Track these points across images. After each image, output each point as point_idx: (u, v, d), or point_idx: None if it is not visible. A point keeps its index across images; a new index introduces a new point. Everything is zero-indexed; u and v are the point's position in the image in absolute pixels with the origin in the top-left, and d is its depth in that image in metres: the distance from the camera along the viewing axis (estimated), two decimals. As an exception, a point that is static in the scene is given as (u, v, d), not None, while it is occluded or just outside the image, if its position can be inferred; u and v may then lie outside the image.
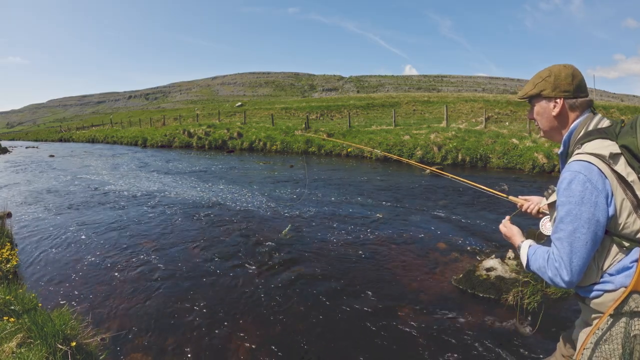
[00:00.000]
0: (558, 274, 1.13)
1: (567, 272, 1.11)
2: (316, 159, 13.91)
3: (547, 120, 1.30)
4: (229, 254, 4.17)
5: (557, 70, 1.26)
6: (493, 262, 3.43)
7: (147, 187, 8.46)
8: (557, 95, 1.25)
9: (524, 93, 1.34)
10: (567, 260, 1.11)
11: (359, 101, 34.03)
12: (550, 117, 1.29)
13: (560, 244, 1.13)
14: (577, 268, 1.11)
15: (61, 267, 3.93)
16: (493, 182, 8.42)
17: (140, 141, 23.31)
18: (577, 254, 1.10)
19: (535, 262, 1.23)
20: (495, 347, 2.46)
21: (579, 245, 1.10)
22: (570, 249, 1.11)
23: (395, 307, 2.99)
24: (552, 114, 1.28)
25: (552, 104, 1.27)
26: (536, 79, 1.30)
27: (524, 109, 22.67)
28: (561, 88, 1.24)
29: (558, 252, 1.14)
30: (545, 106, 1.29)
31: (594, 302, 1.23)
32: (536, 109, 1.32)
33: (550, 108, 1.28)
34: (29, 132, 62.68)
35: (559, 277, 1.13)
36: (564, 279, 1.12)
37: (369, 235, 4.75)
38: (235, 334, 2.67)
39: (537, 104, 1.31)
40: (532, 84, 1.31)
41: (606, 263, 1.16)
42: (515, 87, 67.24)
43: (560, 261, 1.12)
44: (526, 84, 1.35)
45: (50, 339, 2.01)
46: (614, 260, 1.15)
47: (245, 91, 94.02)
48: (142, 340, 2.61)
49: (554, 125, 1.30)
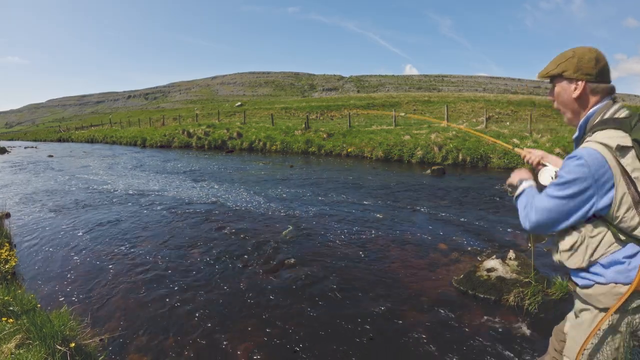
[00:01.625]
0: (527, 217, 1.26)
1: (535, 219, 1.23)
2: (316, 159, 13.90)
3: (567, 101, 1.29)
4: (229, 255, 4.15)
5: (581, 52, 1.24)
6: (494, 263, 3.42)
7: (146, 188, 8.44)
8: (578, 77, 1.23)
9: (545, 72, 1.32)
10: (539, 212, 1.22)
11: (359, 101, 34.03)
12: (570, 98, 1.28)
13: (544, 198, 1.23)
14: (542, 222, 1.22)
15: (60, 268, 3.92)
16: (493, 182, 8.41)
17: (139, 141, 23.28)
18: (548, 212, 1.21)
19: (523, 199, 1.33)
20: (496, 348, 2.45)
21: (552, 207, 1.20)
22: (547, 206, 1.21)
23: (396, 308, 2.98)
24: (572, 96, 1.26)
25: (573, 86, 1.25)
26: (559, 58, 1.28)
27: (525, 108, 22.68)
28: (583, 70, 1.22)
29: (539, 201, 1.24)
30: (566, 87, 1.28)
31: (584, 292, 1.27)
32: (557, 89, 1.31)
33: (571, 90, 1.26)
34: (28, 132, 62.59)
35: (527, 219, 1.26)
36: (531, 220, 1.24)
37: (370, 236, 4.74)
38: (235, 335, 2.65)
39: (558, 84, 1.30)
40: (554, 64, 1.29)
41: (599, 251, 1.19)
42: (516, 87, 67.26)
43: (535, 209, 1.24)
44: (548, 63, 1.33)
45: (49, 339, 2.00)
46: (607, 250, 1.18)
47: (245, 91, 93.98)
48: (141, 341, 2.60)
49: (573, 108, 1.29)
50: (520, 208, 1.32)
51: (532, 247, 3.20)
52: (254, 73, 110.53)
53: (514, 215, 5.61)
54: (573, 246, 1.23)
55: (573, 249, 1.24)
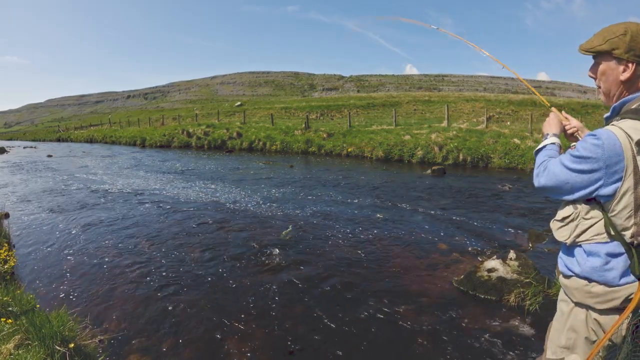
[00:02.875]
0: (538, 177, 1.27)
1: (544, 181, 1.24)
2: (316, 158, 13.89)
3: (612, 83, 1.18)
4: (229, 255, 4.14)
5: (636, 29, 1.11)
6: (494, 263, 3.41)
7: (145, 188, 8.43)
8: (630, 58, 1.11)
9: (590, 46, 1.20)
10: (549, 176, 1.23)
11: (359, 101, 34.02)
12: (617, 80, 1.16)
13: (558, 165, 1.22)
14: (548, 186, 1.23)
15: (59, 268, 3.90)
16: (494, 182, 8.41)
17: (139, 141, 23.25)
18: (556, 179, 1.20)
19: (541, 156, 1.33)
20: (497, 348, 2.44)
21: (562, 176, 1.19)
22: (557, 173, 1.20)
23: (396, 309, 2.97)
24: (619, 77, 1.15)
25: (622, 67, 1.14)
26: (608, 34, 1.15)
27: (526, 108, 22.68)
28: (637, 52, 1.10)
29: (553, 166, 1.23)
30: (614, 67, 1.16)
31: (564, 282, 1.30)
32: (602, 68, 1.19)
33: (619, 71, 1.15)
34: (27, 131, 62.50)
35: (537, 178, 1.27)
36: (540, 181, 1.26)
37: (370, 236, 4.73)
38: (235, 335, 2.64)
39: (604, 62, 1.18)
40: (602, 38, 1.16)
41: (586, 234, 1.18)
42: (517, 87, 67.24)
43: (547, 172, 1.24)
44: (593, 36, 1.21)
45: (48, 340, 1.99)
46: (593, 237, 1.17)
47: (244, 91, 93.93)
48: (140, 341, 2.59)
49: (616, 90, 1.19)
50: (537, 163, 1.31)
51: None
52: (253, 73, 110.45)
53: (514, 216, 5.61)
54: (565, 219, 1.24)
55: (565, 222, 1.24)
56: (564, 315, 1.31)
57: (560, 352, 1.33)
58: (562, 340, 1.32)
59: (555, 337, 1.37)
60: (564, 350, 1.32)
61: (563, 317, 1.32)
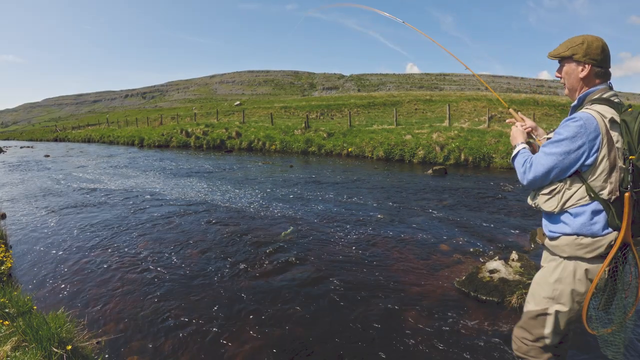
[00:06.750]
0: (525, 174, 1.50)
1: (532, 175, 1.47)
2: (316, 158, 13.86)
3: (574, 80, 1.51)
4: (228, 256, 4.11)
5: (591, 40, 1.45)
6: (496, 264, 3.39)
7: (143, 188, 8.39)
8: (586, 61, 1.45)
9: (556, 53, 1.54)
10: (537, 167, 1.46)
11: (359, 100, 34.00)
12: (577, 78, 1.49)
13: (542, 155, 1.45)
14: (538, 175, 1.45)
15: (56, 269, 3.86)
16: (496, 182, 8.39)
17: (137, 141, 23.16)
18: (544, 167, 1.44)
19: (520, 158, 1.56)
20: (498, 350, 2.42)
21: (549, 163, 1.42)
22: (544, 162, 1.44)
23: (397, 310, 2.94)
24: (579, 75, 1.48)
25: (581, 68, 1.47)
26: (570, 43, 1.49)
27: (527, 108, 22.71)
28: (591, 56, 1.44)
29: (537, 159, 1.47)
30: (574, 68, 1.49)
31: (552, 244, 1.52)
32: (565, 69, 1.53)
33: (578, 70, 1.48)
34: (24, 131, 62.30)
35: (525, 176, 1.50)
36: (528, 178, 1.49)
37: (370, 237, 4.70)
38: (234, 337, 2.61)
39: (567, 65, 1.52)
40: (565, 47, 1.50)
41: (571, 201, 1.43)
42: (519, 86, 67.32)
43: (534, 166, 1.47)
44: (558, 46, 1.55)
45: (45, 342, 1.97)
46: (577, 202, 1.42)
47: (243, 90, 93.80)
48: (138, 343, 2.56)
49: (577, 85, 1.51)
50: (517, 166, 1.55)
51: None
52: (252, 72, 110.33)
53: (516, 216, 5.59)
54: (552, 192, 1.48)
55: (551, 195, 1.48)
56: (550, 270, 1.54)
57: (545, 303, 1.54)
58: (548, 291, 1.52)
59: (538, 290, 1.58)
60: (549, 300, 1.52)
61: (549, 271, 1.54)
